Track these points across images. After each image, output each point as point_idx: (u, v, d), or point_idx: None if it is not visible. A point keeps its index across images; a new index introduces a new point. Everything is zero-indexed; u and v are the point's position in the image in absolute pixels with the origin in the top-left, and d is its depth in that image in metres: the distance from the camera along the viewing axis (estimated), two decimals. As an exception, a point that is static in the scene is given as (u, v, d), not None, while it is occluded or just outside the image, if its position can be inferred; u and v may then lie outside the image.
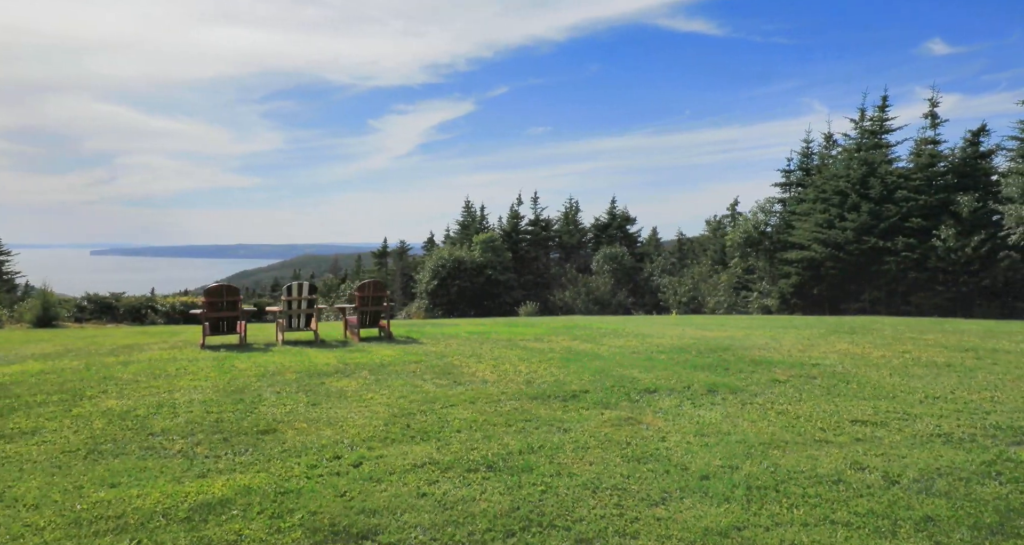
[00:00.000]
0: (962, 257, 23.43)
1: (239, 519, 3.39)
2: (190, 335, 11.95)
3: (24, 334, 13.57)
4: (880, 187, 25.63)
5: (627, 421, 5.02)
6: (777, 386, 6.24)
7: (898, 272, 24.62)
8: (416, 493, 3.65)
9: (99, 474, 4.18)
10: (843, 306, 26.29)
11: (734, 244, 30.50)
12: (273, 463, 4.32)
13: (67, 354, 9.31)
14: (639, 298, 43.80)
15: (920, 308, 24.30)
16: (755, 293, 31.10)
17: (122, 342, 10.82)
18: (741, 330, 11.52)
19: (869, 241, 25.02)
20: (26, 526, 3.39)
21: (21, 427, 5.32)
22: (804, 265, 27.04)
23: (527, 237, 46.00)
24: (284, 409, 5.80)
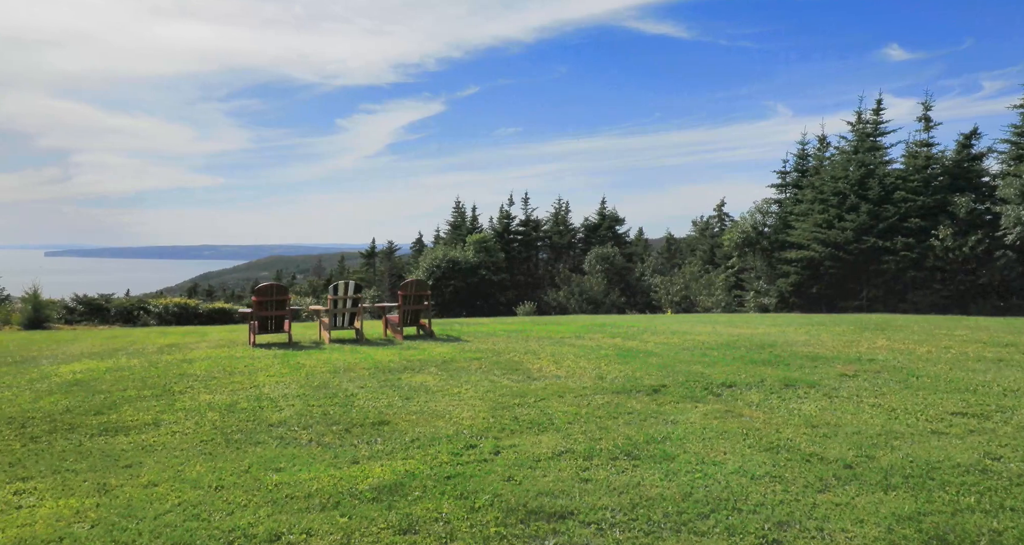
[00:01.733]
0: (959, 256, 24.48)
1: (427, 499, 3.70)
2: (220, 334, 12.12)
3: (30, 336, 13.58)
4: (879, 188, 26.61)
5: (727, 414, 5.40)
6: (849, 381, 6.69)
7: (897, 271, 25.62)
8: (578, 478, 3.95)
9: (254, 459, 4.47)
10: (842, 304, 27.20)
11: (732, 244, 31.30)
12: (413, 451, 4.63)
13: (115, 353, 9.47)
14: (631, 298, 44.54)
15: (918, 306, 25.30)
16: (752, 292, 31.94)
17: (159, 341, 10.97)
18: (770, 327, 12.06)
19: (868, 241, 25.98)
20: (228, 503, 3.68)
21: (139, 420, 5.56)
22: (803, 264, 27.92)
23: (518, 237, 46.47)
24: (381, 402, 6.10)
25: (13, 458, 4.62)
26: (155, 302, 31.12)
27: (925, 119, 29.52)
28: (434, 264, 37.69)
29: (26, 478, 4.21)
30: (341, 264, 72.29)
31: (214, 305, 35.35)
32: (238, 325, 18.41)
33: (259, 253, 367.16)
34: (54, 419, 5.63)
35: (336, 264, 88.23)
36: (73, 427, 5.39)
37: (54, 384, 7.14)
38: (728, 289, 33.53)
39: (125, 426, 5.41)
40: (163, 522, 3.46)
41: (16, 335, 14.04)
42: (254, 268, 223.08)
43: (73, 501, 3.79)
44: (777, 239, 30.40)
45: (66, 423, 5.50)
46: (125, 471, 4.31)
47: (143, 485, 4.04)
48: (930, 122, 29.36)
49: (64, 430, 5.32)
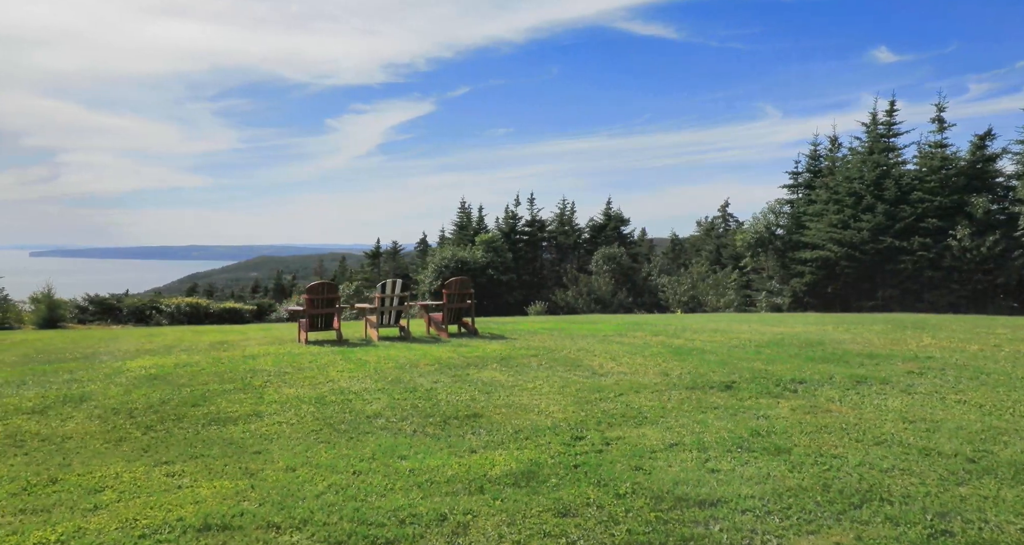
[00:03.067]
0: (977, 256, 24.91)
1: (567, 486, 3.91)
2: (262, 333, 12.39)
3: (60, 334, 13.83)
4: (895, 189, 27.03)
5: (814, 409, 5.67)
6: (918, 377, 6.96)
7: (914, 271, 26.03)
8: (704, 469, 4.17)
9: (373, 447, 4.75)
10: (857, 304, 27.59)
11: (745, 244, 31.67)
12: (522, 442, 4.88)
13: (170, 350, 9.72)
14: (638, 298, 44.94)
15: (935, 305, 25.71)
16: (763, 292, 32.33)
17: (203, 340, 11.23)
18: (808, 326, 12.39)
19: (885, 241, 26.39)
20: (374, 486, 3.96)
21: (239, 411, 5.83)
22: (818, 264, 28.31)
23: (524, 238, 46.79)
24: (463, 397, 6.37)
25: (142, 445, 4.90)
26: (166, 302, 31.39)
27: (939, 120, 29.96)
28: (443, 264, 37.97)
29: (168, 462, 4.49)
30: (342, 264, 72.60)
31: (224, 305, 35.61)
32: (272, 324, 18.67)
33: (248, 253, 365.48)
34: (156, 410, 5.90)
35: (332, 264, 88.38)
36: (179, 417, 5.67)
37: (132, 378, 7.40)
38: (739, 289, 33.91)
39: (229, 417, 5.68)
40: (325, 501, 3.74)
41: (42, 334, 14.28)
42: (243, 268, 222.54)
43: (227, 483, 4.07)
44: (790, 239, 30.78)
45: (171, 414, 5.77)
46: (257, 457, 4.59)
47: (282, 469, 4.32)
48: (944, 123, 29.79)
49: (172, 420, 5.60)
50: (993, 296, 25.99)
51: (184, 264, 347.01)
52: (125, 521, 3.51)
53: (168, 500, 3.80)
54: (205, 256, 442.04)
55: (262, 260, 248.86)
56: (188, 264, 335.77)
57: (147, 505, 3.72)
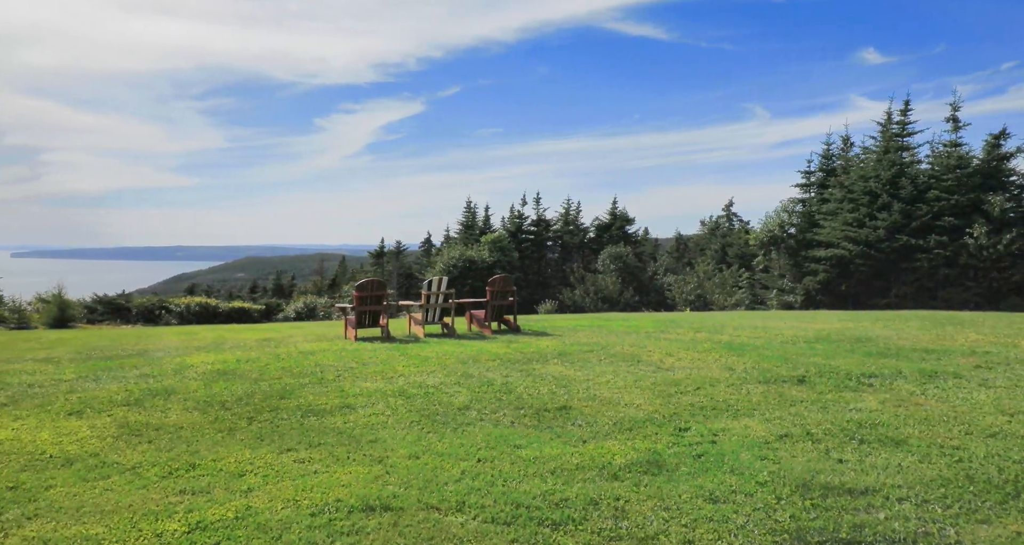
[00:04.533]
0: (993, 254, 25.32)
1: (703, 474, 4.06)
2: (306, 330, 12.56)
3: (80, 334, 13.98)
4: (911, 187, 27.43)
5: (902, 402, 5.82)
6: (988, 371, 7.15)
7: (930, 269, 26.43)
8: (830, 458, 4.29)
9: (483, 437, 4.92)
10: (870, 302, 27.96)
11: (758, 242, 32.01)
12: (627, 433, 5.00)
13: (220, 347, 9.89)
14: (644, 296, 45.28)
15: (950, 303, 26.10)
16: (775, 290, 32.68)
17: (246, 336, 11.41)
18: (845, 322, 12.64)
19: (901, 239, 26.78)
20: (506, 472, 4.14)
21: (328, 403, 6.01)
22: (832, 262, 28.68)
23: (530, 237, 47.08)
24: (543, 390, 6.56)
25: (254, 434, 5.08)
26: (176, 302, 31.49)
27: (953, 120, 30.37)
28: (451, 263, 38.18)
29: (291, 449, 4.68)
30: (341, 265, 72.75)
31: (233, 304, 35.69)
32: (282, 323, 18.87)
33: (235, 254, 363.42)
34: (247, 403, 6.07)
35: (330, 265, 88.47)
36: (274, 409, 5.85)
37: (202, 373, 7.57)
38: (750, 287, 34.25)
39: (322, 409, 5.86)
40: (469, 486, 3.93)
41: (63, 333, 14.45)
42: (230, 269, 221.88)
43: (360, 468, 4.26)
44: (803, 238, 31.14)
45: (263, 406, 5.95)
46: (374, 445, 4.78)
47: (406, 457, 4.51)
48: (958, 123, 30.22)
49: (268, 411, 5.78)
50: (1007, 294, 26.41)
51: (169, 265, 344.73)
52: (288, 501, 3.70)
53: (314, 483, 3.99)
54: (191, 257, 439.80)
55: (249, 261, 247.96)
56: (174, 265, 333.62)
57: (297, 488, 3.91)
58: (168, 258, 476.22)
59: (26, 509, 3.64)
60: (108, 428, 5.26)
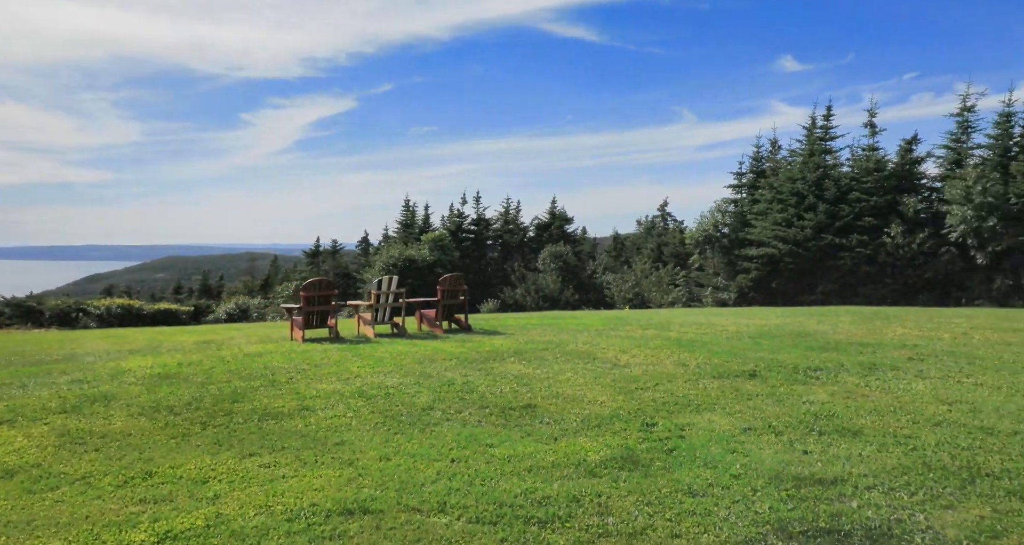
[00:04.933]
0: (908, 252, 26.94)
1: (678, 469, 4.11)
2: (245, 331, 12.12)
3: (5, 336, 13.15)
4: (835, 189, 28.86)
5: (850, 394, 6.08)
6: (920, 363, 7.53)
7: (852, 266, 27.87)
8: (794, 450, 4.43)
9: (452, 437, 4.86)
10: (799, 299, 29.25)
11: (693, 241, 32.98)
12: (599, 431, 5.02)
13: (155, 351, 9.44)
14: (584, 295, 45.97)
15: (870, 299, 27.59)
16: (709, 288, 33.77)
17: (181, 339, 10.94)
18: (781, 318, 13.16)
19: (826, 238, 28.13)
20: (483, 472, 4.10)
21: (285, 406, 5.81)
22: (764, 261, 29.84)
23: (470, 236, 47.00)
24: (505, 389, 6.51)
25: (211, 439, 4.86)
26: (95, 303, 29.82)
27: (870, 125, 32.14)
28: (390, 262, 37.65)
29: (253, 454, 4.50)
30: (274, 264, 70.67)
31: (158, 306, 34.13)
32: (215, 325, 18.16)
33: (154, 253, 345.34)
34: (196, 407, 5.81)
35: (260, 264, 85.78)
36: (228, 413, 5.61)
37: (141, 377, 7.18)
38: (688, 285, 35.28)
39: (279, 412, 5.66)
40: (448, 486, 3.88)
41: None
42: (149, 269, 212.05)
43: (331, 472, 4.14)
44: (736, 237, 32.28)
45: (217, 410, 5.70)
46: (342, 448, 4.66)
47: (377, 459, 4.41)
48: (875, 128, 32.00)
49: (221, 415, 5.54)
50: (921, 290, 28.16)
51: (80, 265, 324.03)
52: (260, 507, 3.55)
53: (284, 488, 3.84)
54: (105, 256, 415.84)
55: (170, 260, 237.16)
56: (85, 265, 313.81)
57: (267, 493, 3.76)
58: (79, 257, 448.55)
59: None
60: (47, 437, 4.92)
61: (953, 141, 30.75)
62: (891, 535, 3.17)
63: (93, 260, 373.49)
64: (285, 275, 61.43)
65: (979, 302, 27.24)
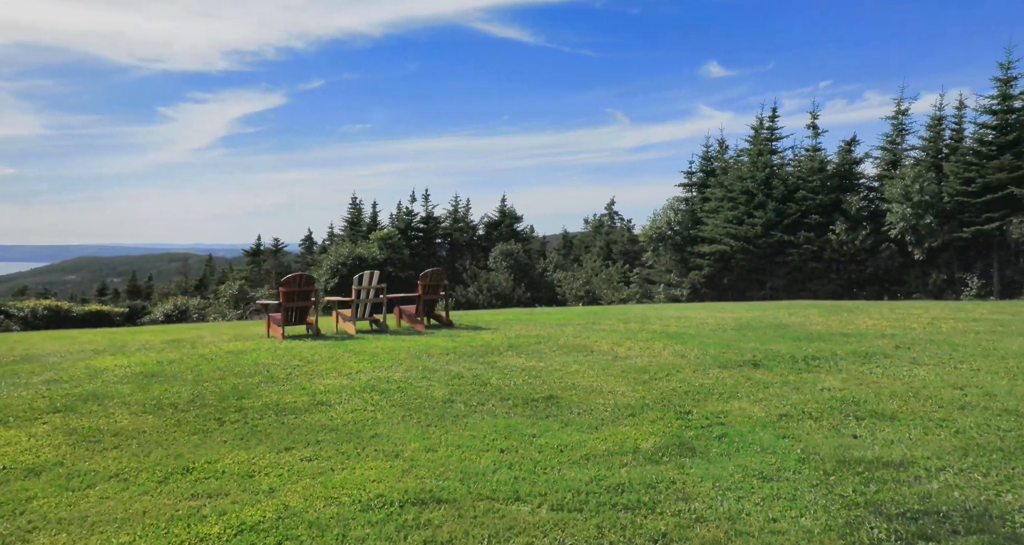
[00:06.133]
0: (851, 248, 28.27)
1: (740, 456, 4.11)
2: (218, 330, 11.65)
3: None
4: (782, 188, 30.01)
5: (861, 381, 6.23)
6: (909, 351, 7.81)
7: (800, 262, 29.05)
8: (841, 434, 4.47)
9: (489, 429, 4.78)
10: (749, 294, 30.27)
11: (647, 239, 33.67)
12: (635, 419, 5.00)
13: (123, 351, 8.98)
14: (536, 292, 46.26)
15: (816, 294, 28.81)
16: (661, 284, 34.56)
17: (146, 339, 10.46)
18: (751, 312, 13.58)
19: (775, 235, 29.21)
20: (537, 461, 4.05)
21: (299, 401, 5.61)
22: (716, 257, 30.75)
23: (419, 234, 46.58)
24: (516, 381, 6.44)
25: (235, 435, 4.65)
26: (18, 305, 28.09)
27: (813, 127, 33.59)
28: (339, 261, 36.93)
29: (289, 448, 4.33)
30: (209, 264, 68.37)
31: (88, 307, 32.43)
32: (154, 325, 17.42)
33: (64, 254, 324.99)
34: (203, 404, 5.55)
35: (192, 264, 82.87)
36: (240, 409, 5.38)
37: (124, 376, 6.82)
38: (641, 282, 35.99)
39: (294, 407, 5.46)
40: (511, 476, 3.79)
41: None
42: (58, 270, 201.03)
43: (381, 464, 4.02)
44: (688, 235, 33.14)
45: (227, 406, 5.46)
46: (379, 440, 4.53)
47: (423, 450, 4.30)
48: (817, 130, 33.45)
49: (233, 411, 5.31)
50: (863, 284, 29.63)
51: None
52: (327, 499, 3.42)
53: (339, 480, 3.71)
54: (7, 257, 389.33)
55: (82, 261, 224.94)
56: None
57: (324, 485, 3.62)
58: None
59: (18, 523, 3.13)
60: (53, 436, 4.60)
61: (889, 143, 32.50)
62: (990, 515, 3.21)
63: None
64: (222, 275, 59.44)
65: (916, 296, 28.82)
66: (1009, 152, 26.84)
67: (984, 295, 27.03)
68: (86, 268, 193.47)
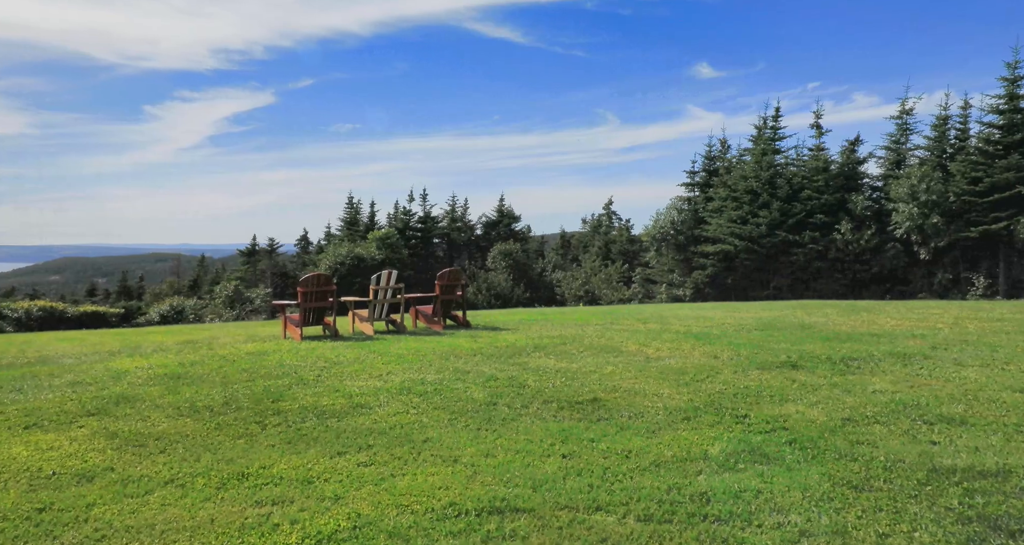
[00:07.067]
0: (856, 248, 28.29)
1: (815, 464, 3.98)
2: (214, 332, 11.49)
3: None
4: (787, 187, 30.00)
5: (911, 382, 6.12)
6: (946, 351, 7.73)
7: (804, 262, 29.05)
8: (919, 441, 4.34)
9: (544, 433, 4.63)
10: (753, 293, 30.25)
11: (650, 238, 33.61)
12: (692, 423, 4.88)
13: (137, 352, 8.83)
14: (535, 292, 46.17)
15: (821, 293, 28.81)
16: (664, 284, 34.52)
17: (164, 340, 10.30)
18: (770, 312, 13.49)
19: (780, 235, 29.19)
20: (607, 468, 3.92)
21: (337, 404, 5.47)
22: (720, 257, 30.71)
23: (417, 234, 46.42)
24: (555, 383, 6.28)
25: (280, 439, 4.51)
26: (12, 306, 27.80)
27: (817, 126, 33.62)
28: (338, 261, 36.75)
29: (341, 453, 4.20)
30: (201, 264, 68.01)
31: (83, 308, 32.12)
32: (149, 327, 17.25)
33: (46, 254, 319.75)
34: (238, 407, 5.40)
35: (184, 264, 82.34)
36: (278, 412, 5.24)
37: (149, 378, 6.66)
38: (642, 282, 35.94)
39: (333, 410, 5.33)
40: (584, 484, 3.64)
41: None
42: (41, 271, 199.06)
43: (440, 469, 3.88)
44: (691, 234, 33.10)
45: (266, 409, 5.32)
46: (431, 445, 4.40)
47: (481, 455, 4.17)
48: (821, 129, 33.49)
49: (272, 414, 5.18)
50: (868, 284, 29.66)
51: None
52: (398, 507, 3.29)
53: (404, 487, 3.58)
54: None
55: (66, 261, 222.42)
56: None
57: (390, 492, 3.49)
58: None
59: (83, 531, 3.00)
60: (94, 440, 4.45)
61: (893, 143, 32.56)
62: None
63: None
64: (216, 275, 59.08)
65: (921, 295, 28.87)
66: (1016, 152, 26.92)
67: (990, 295, 27.09)
68: (70, 268, 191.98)
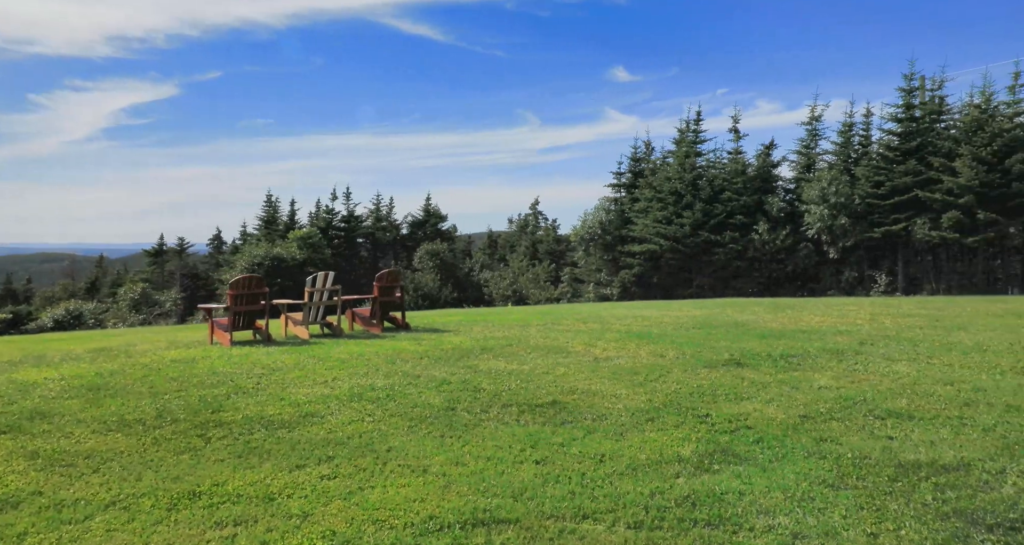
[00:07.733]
0: (773, 248, 29.65)
1: (786, 463, 4.01)
2: (130, 337, 10.74)
3: None
4: (709, 189, 31.10)
5: (851, 377, 6.32)
6: (873, 347, 8.09)
7: (725, 261, 30.19)
8: (879, 436, 4.43)
9: (510, 438, 4.48)
10: (677, 292, 31.19)
11: (578, 238, 34.06)
12: (658, 424, 4.85)
13: (42, 362, 8.13)
14: (463, 292, 45.94)
15: (740, 292, 30.03)
16: (591, 284, 35.09)
17: (74, 348, 9.54)
18: (700, 310, 13.86)
19: (702, 235, 30.21)
20: (584, 472, 3.84)
21: (284, 414, 5.17)
22: (646, 257, 31.49)
23: (340, 234, 45.28)
24: (512, 385, 6.14)
25: (230, 453, 4.18)
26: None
27: (735, 131, 35.06)
28: (255, 261, 35.30)
29: (300, 466, 3.94)
30: (99, 264, 63.98)
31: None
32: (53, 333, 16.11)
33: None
34: (174, 419, 5.00)
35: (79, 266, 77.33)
36: (221, 424, 4.88)
37: (63, 390, 6.11)
38: (570, 281, 36.38)
39: (281, 420, 5.01)
40: (564, 491, 3.52)
41: None
42: None
43: (411, 480, 3.69)
44: (618, 234, 33.78)
45: (207, 421, 4.94)
46: (395, 454, 4.19)
47: (451, 464, 3.99)
48: (739, 133, 34.96)
49: (215, 426, 4.82)
50: (783, 283, 31.17)
51: None
52: (375, 522, 3.08)
53: (376, 500, 3.37)
54: None
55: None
56: None
57: (362, 506, 3.27)
58: None
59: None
60: (12, 461, 3.99)
61: (804, 147, 34.36)
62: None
63: None
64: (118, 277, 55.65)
65: (831, 292, 30.55)
66: (913, 157, 28.92)
67: (891, 291, 28.98)
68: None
